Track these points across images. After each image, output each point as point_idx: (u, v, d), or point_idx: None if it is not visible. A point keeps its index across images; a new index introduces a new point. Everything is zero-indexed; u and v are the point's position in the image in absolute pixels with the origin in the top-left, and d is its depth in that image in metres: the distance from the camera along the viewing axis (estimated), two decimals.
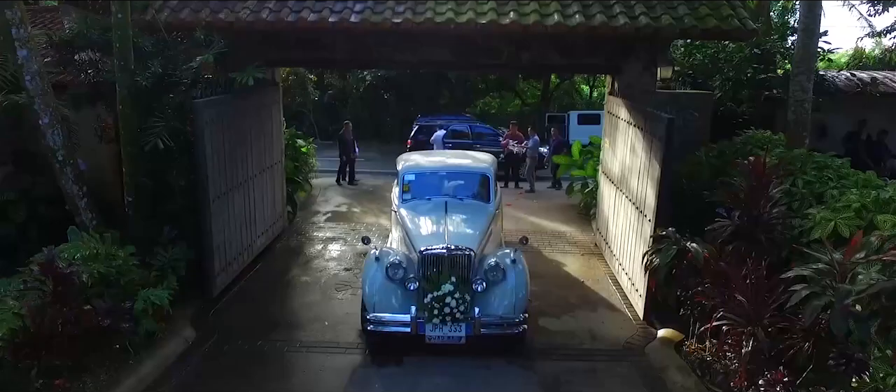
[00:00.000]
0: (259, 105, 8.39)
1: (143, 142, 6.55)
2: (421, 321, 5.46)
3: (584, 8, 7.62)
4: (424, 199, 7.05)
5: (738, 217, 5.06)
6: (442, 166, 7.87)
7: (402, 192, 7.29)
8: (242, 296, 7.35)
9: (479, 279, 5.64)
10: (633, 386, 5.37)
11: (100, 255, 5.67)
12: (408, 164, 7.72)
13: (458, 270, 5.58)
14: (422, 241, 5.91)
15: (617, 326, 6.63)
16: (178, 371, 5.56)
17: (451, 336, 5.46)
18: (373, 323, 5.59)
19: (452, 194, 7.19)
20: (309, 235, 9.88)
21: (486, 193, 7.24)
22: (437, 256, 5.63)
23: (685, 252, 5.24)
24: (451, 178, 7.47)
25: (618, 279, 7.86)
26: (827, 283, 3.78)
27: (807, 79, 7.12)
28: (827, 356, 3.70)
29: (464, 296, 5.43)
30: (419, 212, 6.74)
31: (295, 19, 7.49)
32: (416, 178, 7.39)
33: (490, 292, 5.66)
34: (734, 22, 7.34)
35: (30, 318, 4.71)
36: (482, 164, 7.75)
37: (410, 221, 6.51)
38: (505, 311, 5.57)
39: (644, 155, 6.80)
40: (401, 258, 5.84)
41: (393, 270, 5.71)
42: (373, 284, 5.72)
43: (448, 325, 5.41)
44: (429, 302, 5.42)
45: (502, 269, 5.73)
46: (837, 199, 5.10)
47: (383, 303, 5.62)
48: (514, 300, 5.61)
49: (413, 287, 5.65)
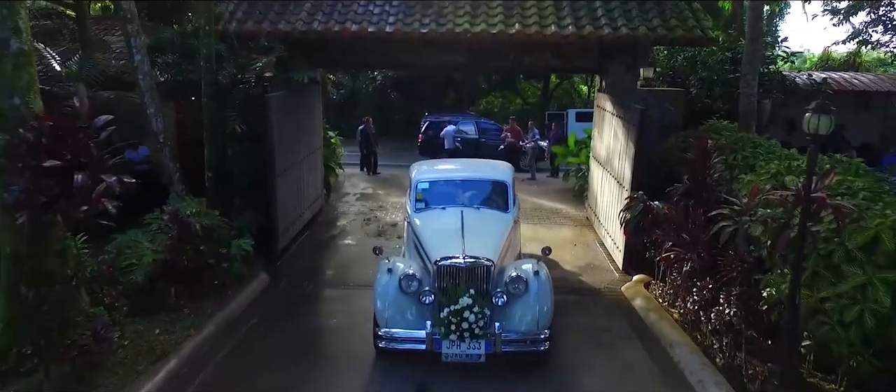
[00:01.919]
0: (306, 100, 10.10)
1: (222, 127, 8.28)
2: (437, 337, 5.11)
3: (576, 20, 9.32)
4: (439, 208, 6.77)
5: (687, 180, 6.76)
6: (457, 174, 7.62)
7: (415, 200, 7.01)
8: (298, 253, 9.10)
9: (500, 292, 5.29)
10: (610, 310, 7.09)
11: (201, 213, 7.37)
12: (421, 172, 7.42)
13: (476, 283, 5.25)
14: (437, 251, 5.51)
15: (601, 276, 8.34)
16: (262, 301, 7.29)
17: (469, 354, 5.10)
18: (385, 339, 5.28)
19: (468, 203, 6.86)
20: (344, 211, 11.65)
21: (503, 202, 6.96)
22: (454, 268, 5.29)
23: (650, 208, 6.96)
24: (466, 186, 7.16)
25: (604, 242, 9.57)
26: (736, 218, 5.47)
27: (752, 78, 8.83)
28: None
29: (483, 310, 5.08)
30: (434, 221, 6.44)
31: (340, 30, 9.20)
32: (430, 186, 7.13)
33: (511, 306, 5.30)
34: (697, 31, 9.05)
35: (166, 253, 6.42)
36: (499, 173, 7.47)
37: (424, 231, 6.18)
38: (528, 327, 5.23)
39: (623, 139, 8.52)
40: (415, 270, 5.52)
41: (407, 282, 5.37)
42: (385, 298, 5.38)
43: (466, 341, 5.06)
44: (445, 317, 5.05)
45: (524, 280, 5.36)
46: (763, 167, 6.80)
47: (396, 317, 5.30)
48: (537, 314, 5.26)
49: (428, 301, 5.30)
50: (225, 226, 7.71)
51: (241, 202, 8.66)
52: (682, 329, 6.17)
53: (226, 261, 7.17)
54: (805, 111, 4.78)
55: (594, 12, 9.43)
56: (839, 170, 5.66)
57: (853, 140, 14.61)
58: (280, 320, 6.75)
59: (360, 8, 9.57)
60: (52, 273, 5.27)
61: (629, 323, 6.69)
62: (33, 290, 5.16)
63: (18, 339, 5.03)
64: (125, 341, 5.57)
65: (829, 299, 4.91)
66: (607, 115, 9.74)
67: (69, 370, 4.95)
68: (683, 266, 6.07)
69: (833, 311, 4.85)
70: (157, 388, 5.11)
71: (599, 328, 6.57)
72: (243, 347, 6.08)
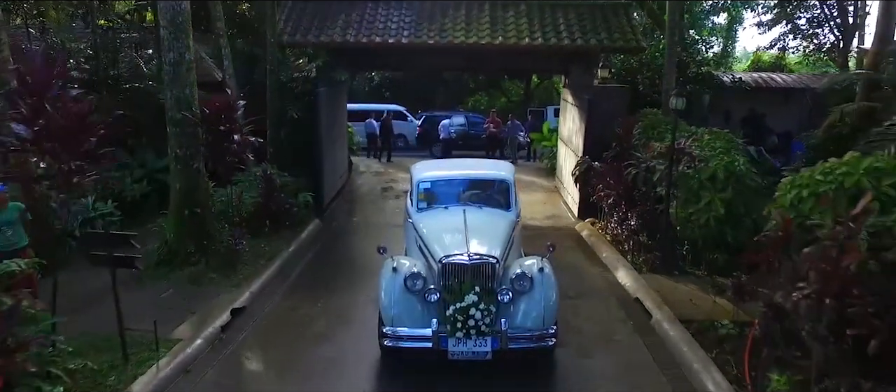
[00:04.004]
0: (338, 96, 13.09)
1: (282, 115, 11.25)
2: (443, 335, 5.13)
3: (545, 34, 12.39)
4: (441, 208, 6.85)
5: (615, 146, 9.85)
6: (459, 174, 7.67)
7: (417, 200, 7.04)
8: (337, 208, 12.18)
9: (505, 289, 5.33)
10: (565, 237, 10.19)
11: (277, 173, 10.32)
12: (423, 172, 7.46)
13: (481, 280, 5.29)
14: (441, 249, 5.57)
15: (562, 222, 11.46)
16: (320, 234, 10.33)
17: (475, 351, 5.10)
18: (390, 338, 5.27)
19: (470, 202, 6.97)
20: (363, 183, 14.72)
21: (506, 201, 7.05)
22: (458, 266, 5.34)
23: (592, 167, 10.05)
24: (468, 186, 7.26)
25: (566, 203, 12.67)
26: (638, 165, 8.58)
27: (671, 76, 11.97)
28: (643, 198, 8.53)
29: (489, 307, 5.11)
30: (437, 220, 6.46)
31: (367, 41, 12.18)
32: (432, 185, 7.18)
33: (517, 303, 5.35)
34: (633, 42, 12.16)
35: (262, 199, 9.38)
36: (501, 172, 7.59)
37: (428, 230, 6.18)
38: (534, 323, 5.25)
39: (578, 121, 11.62)
40: (420, 268, 5.56)
41: (412, 281, 5.40)
42: (390, 296, 5.38)
43: (473, 339, 5.08)
44: (451, 314, 5.11)
45: (530, 277, 5.41)
46: (667, 137, 9.91)
47: (402, 316, 5.29)
48: (543, 311, 5.28)
49: (433, 299, 5.32)
50: (292, 183, 10.69)
51: (292, 171, 11.64)
52: (609, 244, 9.29)
53: (295, 207, 10.16)
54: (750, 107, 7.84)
55: (558, 27, 12.51)
56: (699, 135, 8.76)
57: (776, 128, 17.82)
58: (334, 243, 9.88)
59: (380, 24, 12.55)
60: (201, 202, 8.20)
61: (576, 242, 9.86)
62: (190, 212, 8.09)
63: (184, 242, 7.98)
64: (246, 248, 8.51)
65: (693, 213, 8.04)
66: (569, 105, 12.85)
67: (218, 261, 7.92)
68: (609, 199, 9.18)
69: (695, 219, 7.98)
70: (273, 273, 8.10)
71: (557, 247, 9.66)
72: (317, 256, 9.13)
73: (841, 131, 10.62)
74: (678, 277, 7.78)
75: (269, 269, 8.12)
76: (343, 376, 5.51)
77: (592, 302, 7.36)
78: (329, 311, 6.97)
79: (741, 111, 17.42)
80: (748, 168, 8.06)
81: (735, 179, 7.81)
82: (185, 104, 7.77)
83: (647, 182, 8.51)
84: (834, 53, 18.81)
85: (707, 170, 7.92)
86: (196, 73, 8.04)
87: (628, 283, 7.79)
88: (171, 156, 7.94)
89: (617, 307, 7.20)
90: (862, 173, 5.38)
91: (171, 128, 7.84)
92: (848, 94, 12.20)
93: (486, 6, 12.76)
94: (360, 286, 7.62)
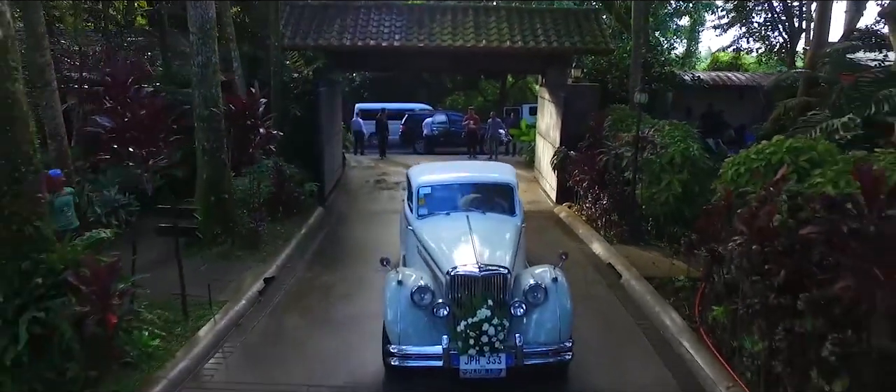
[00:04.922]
0: (334, 95, 14.13)
1: (284, 113, 12.25)
2: (454, 353, 4.85)
3: (523, 38, 13.64)
4: (443, 214, 6.55)
5: (588, 137, 11.15)
6: (460, 177, 7.34)
7: (417, 206, 6.73)
8: (336, 198, 13.26)
9: (518, 302, 5.06)
10: (545, 218, 11.46)
11: (285, 164, 11.34)
12: (422, 177, 7.14)
13: (493, 293, 5.03)
14: (448, 260, 5.30)
15: (541, 207, 12.74)
16: (325, 220, 11.40)
17: (489, 369, 4.84)
18: (397, 357, 4.96)
19: (473, 207, 6.67)
20: (358, 173, 15.83)
21: (509, 206, 6.81)
22: (468, 278, 5.07)
23: (568, 156, 11.34)
24: (470, 190, 6.96)
25: (545, 190, 13.97)
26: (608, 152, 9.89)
27: (636, 75, 13.36)
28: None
29: (502, 322, 4.85)
30: (440, 228, 6.15)
31: (362, 44, 13.26)
32: (432, 190, 6.87)
33: (531, 316, 5.10)
34: (603, 45, 13.53)
35: (274, 188, 10.41)
36: (503, 175, 7.32)
37: (432, 239, 5.90)
38: (549, 337, 5.01)
39: (555, 116, 12.91)
40: (426, 281, 5.25)
41: (419, 295, 5.10)
42: (396, 312, 5.07)
43: (486, 356, 4.82)
44: (463, 330, 4.83)
45: (544, 288, 5.15)
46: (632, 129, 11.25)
47: (409, 332, 5.00)
48: (559, 323, 5.04)
49: (443, 314, 5.02)
50: (299, 174, 11.71)
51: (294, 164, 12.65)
52: (585, 222, 10.59)
53: (303, 196, 11.20)
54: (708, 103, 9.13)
55: (535, 31, 13.78)
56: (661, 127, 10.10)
57: (732, 122, 19.44)
58: (339, 226, 11.03)
59: (373, 28, 13.65)
60: (226, 189, 9.19)
61: (555, 222, 11.16)
62: (217, 199, 9.06)
63: (212, 225, 8.97)
64: (265, 230, 9.52)
65: (655, 192, 9.37)
66: (546, 102, 14.15)
67: (242, 242, 8.94)
68: (584, 183, 10.47)
69: (657, 198, 9.31)
70: (292, 251, 9.15)
71: (539, 226, 10.91)
72: (327, 237, 10.25)
73: (784, 123, 12.13)
74: (643, 247, 9.11)
75: (287, 247, 9.17)
76: (366, 329, 6.48)
77: (573, 269, 8.55)
78: (346, 279, 8.08)
79: (701, 107, 18.95)
80: (701, 153, 9.42)
81: (690, 163, 9.15)
82: (212, 102, 8.75)
83: (616, 167, 9.81)
84: (783, 54, 20.56)
85: (667, 155, 9.25)
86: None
87: (602, 252, 9.08)
88: (199, 148, 8.90)
89: (593, 271, 8.47)
90: (784, 151, 6.73)
91: (199, 123, 8.81)
92: (791, 90, 13.72)
93: (470, 12, 13.99)
94: (369, 259, 8.65)
